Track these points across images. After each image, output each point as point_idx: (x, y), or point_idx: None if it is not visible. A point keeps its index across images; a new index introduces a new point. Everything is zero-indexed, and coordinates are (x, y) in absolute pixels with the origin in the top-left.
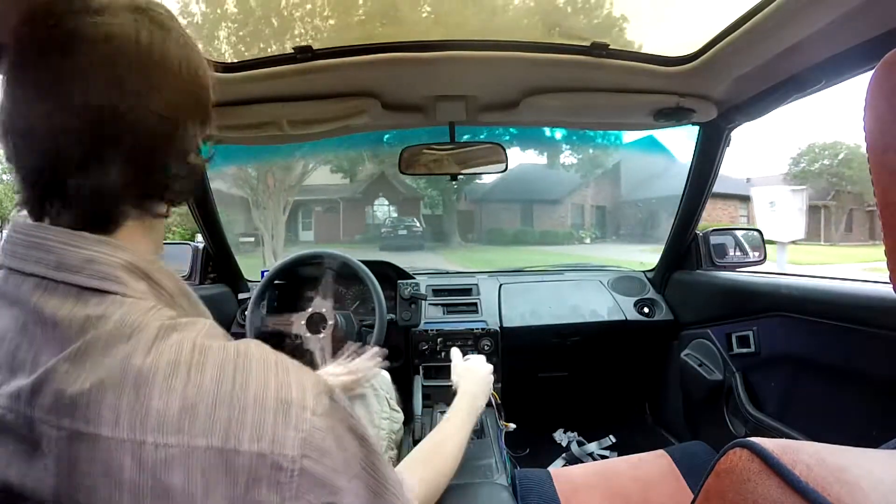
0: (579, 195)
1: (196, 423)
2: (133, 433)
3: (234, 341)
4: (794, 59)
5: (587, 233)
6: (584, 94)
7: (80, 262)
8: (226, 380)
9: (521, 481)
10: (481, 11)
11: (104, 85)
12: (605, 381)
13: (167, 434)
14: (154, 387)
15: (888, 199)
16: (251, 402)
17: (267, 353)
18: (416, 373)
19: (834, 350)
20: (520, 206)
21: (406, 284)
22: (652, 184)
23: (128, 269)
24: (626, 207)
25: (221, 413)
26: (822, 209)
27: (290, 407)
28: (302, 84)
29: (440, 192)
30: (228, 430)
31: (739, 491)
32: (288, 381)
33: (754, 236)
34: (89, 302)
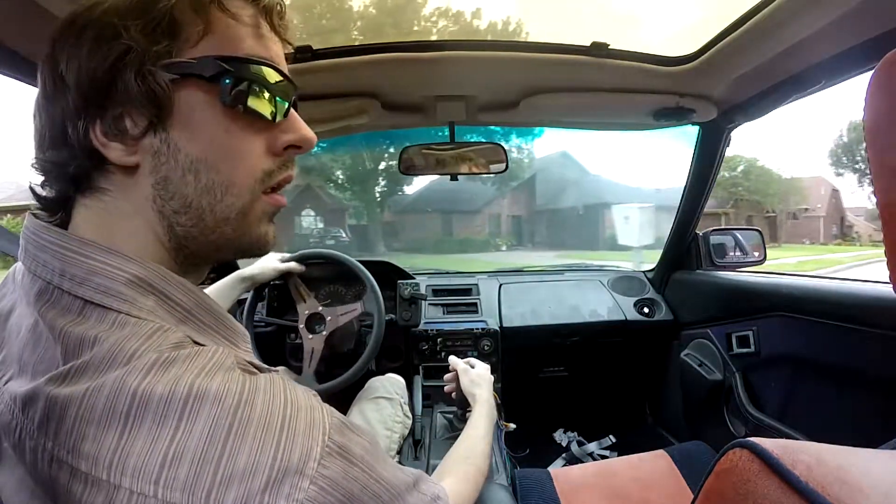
0: (496, 205)
1: (177, 477)
2: (109, 475)
3: (247, 379)
4: (794, 59)
5: (503, 240)
6: (584, 94)
7: (83, 274)
8: (217, 439)
9: (521, 481)
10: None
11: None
12: (605, 382)
13: (144, 482)
14: (140, 430)
15: (888, 199)
16: (240, 471)
17: (274, 403)
18: (415, 373)
19: (834, 350)
20: (440, 216)
21: (406, 284)
22: (564, 194)
23: (134, 285)
24: (540, 217)
25: (206, 474)
26: (721, 216)
27: (285, 476)
28: (302, 84)
29: (365, 204)
30: (209, 493)
31: (739, 491)
32: (291, 446)
33: (754, 236)
34: (90, 318)
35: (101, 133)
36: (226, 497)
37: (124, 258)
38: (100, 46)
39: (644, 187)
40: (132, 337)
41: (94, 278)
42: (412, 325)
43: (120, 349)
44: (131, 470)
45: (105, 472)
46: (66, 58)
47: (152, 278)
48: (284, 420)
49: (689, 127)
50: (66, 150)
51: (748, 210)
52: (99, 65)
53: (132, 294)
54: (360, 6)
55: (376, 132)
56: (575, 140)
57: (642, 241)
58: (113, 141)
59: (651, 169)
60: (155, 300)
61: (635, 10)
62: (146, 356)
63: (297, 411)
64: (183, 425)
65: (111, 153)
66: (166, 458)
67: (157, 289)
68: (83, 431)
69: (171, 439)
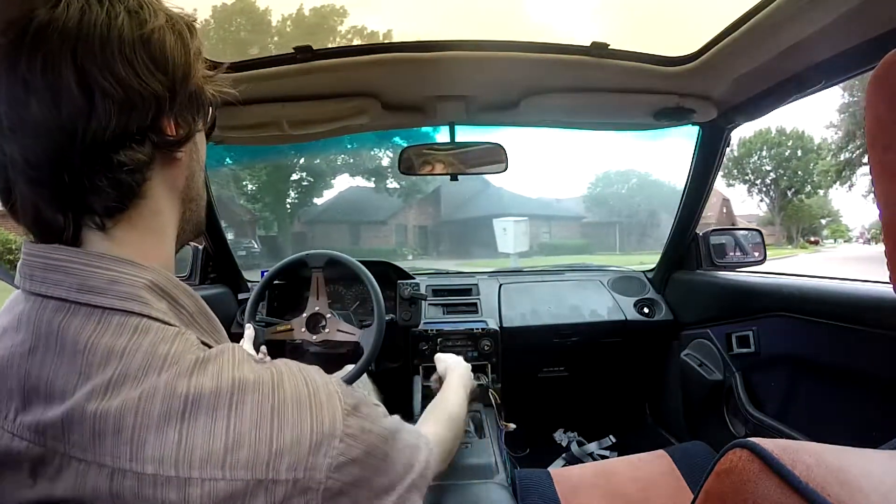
0: (403, 216)
1: (239, 460)
2: (177, 470)
3: (266, 367)
4: (794, 59)
5: (409, 250)
6: (584, 94)
7: (104, 284)
8: (264, 421)
9: (521, 481)
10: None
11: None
12: (605, 382)
13: (213, 469)
14: (197, 424)
15: (888, 200)
16: (289, 443)
17: (298, 383)
18: (415, 373)
19: (834, 350)
20: (348, 226)
21: (406, 285)
22: (466, 206)
23: (150, 289)
24: (444, 227)
25: (262, 451)
26: (616, 225)
27: (322, 440)
28: (302, 84)
29: (275, 215)
30: (269, 464)
31: (739, 491)
32: (321, 415)
33: (754, 236)
34: (112, 324)
35: (174, 127)
36: (281, 466)
37: (139, 266)
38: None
39: (546, 197)
40: (160, 342)
41: (116, 287)
42: (412, 325)
43: (154, 354)
44: (199, 462)
45: (173, 468)
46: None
47: (164, 283)
48: (310, 395)
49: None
50: (150, 146)
51: (640, 218)
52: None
53: (150, 297)
54: (278, 21)
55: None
56: None
57: (517, 248)
58: (179, 137)
59: (556, 181)
60: (167, 304)
61: (635, 10)
62: (185, 357)
63: (317, 386)
64: (234, 413)
65: (179, 151)
66: (227, 444)
67: (168, 293)
68: (143, 437)
69: (226, 427)
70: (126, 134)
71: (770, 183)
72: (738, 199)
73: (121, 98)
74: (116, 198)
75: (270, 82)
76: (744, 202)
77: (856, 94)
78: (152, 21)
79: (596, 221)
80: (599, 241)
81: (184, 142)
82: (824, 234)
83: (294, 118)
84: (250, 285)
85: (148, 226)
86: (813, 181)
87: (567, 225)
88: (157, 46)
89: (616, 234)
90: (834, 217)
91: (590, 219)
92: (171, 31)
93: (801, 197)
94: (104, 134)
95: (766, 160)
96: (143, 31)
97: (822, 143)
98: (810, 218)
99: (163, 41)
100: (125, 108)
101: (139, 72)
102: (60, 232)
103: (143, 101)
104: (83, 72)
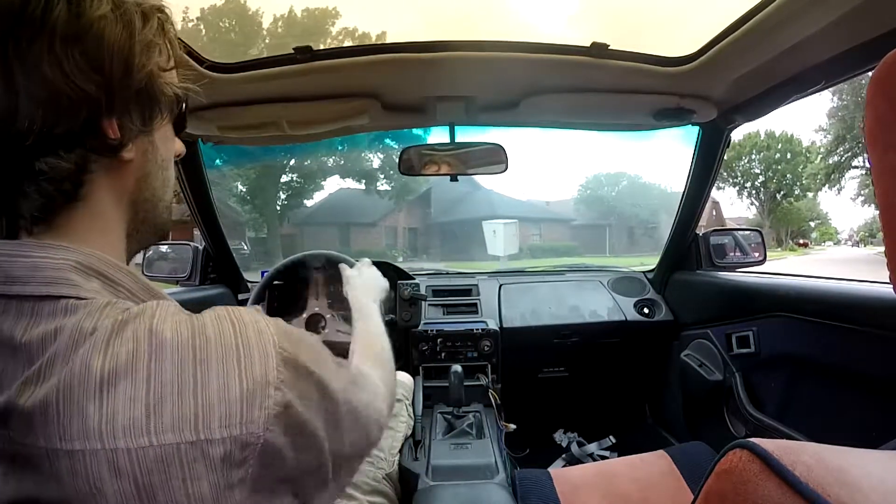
0: (393, 218)
1: (164, 422)
2: (103, 442)
3: (189, 318)
4: (794, 59)
5: (399, 252)
6: (585, 95)
7: (27, 272)
8: (186, 373)
9: (521, 482)
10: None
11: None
12: (606, 382)
13: (137, 436)
14: (117, 390)
15: (889, 200)
16: (215, 396)
17: (224, 329)
18: (416, 373)
19: (834, 350)
20: (338, 228)
21: (406, 285)
22: (456, 208)
23: (78, 270)
24: (434, 229)
25: (187, 408)
26: (606, 227)
27: (254, 390)
28: (302, 84)
29: (265, 217)
30: (197, 423)
31: (739, 492)
32: (251, 361)
33: (754, 236)
34: (43, 312)
35: (117, 129)
36: (212, 423)
37: (63, 248)
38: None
39: (535, 199)
40: (87, 316)
41: (39, 273)
42: (412, 325)
43: (80, 331)
44: (122, 430)
45: (99, 441)
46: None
47: (93, 263)
48: (237, 339)
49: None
50: (81, 151)
51: (631, 221)
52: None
53: (78, 279)
54: (269, 23)
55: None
56: None
57: (507, 250)
58: (124, 139)
59: (546, 183)
60: (99, 283)
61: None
62: (104, 324)
63: (245, 328)
64: (153, 374)
65: (125, 152)
66: (149, 406)
67: (99, 271)
68: (69, 414)
69: (146, 390)
70: (51, 139)
71: (759, 186)
72: (728, 201)
73: (45, 100)
74: (42, 205)
75: (270, 82)
76: (733, 205)
77: (845, 98)
78: (92, 11)
79: (586, 224)
80: (589, 243)
81: (127, 143)
82: (813, 237)
83: (294, 118)
84: (250, 286)
85: (88, 228)
86: (802, 184)
87: (557, 227)
88: (92, 41)
89: (606, 236)
90: (822, 219)
91: (580, 221)
92: (116, 22)
93: (790, 200)
94: (25, 139)
95: (756, 163)
96: (80, 23)
97: (811, 147)
98: (799, 221)
99: (100, 34)
100: (50, 111)
101: (68, 71)
102: None
103: (71, 104)
104: (9, 70)
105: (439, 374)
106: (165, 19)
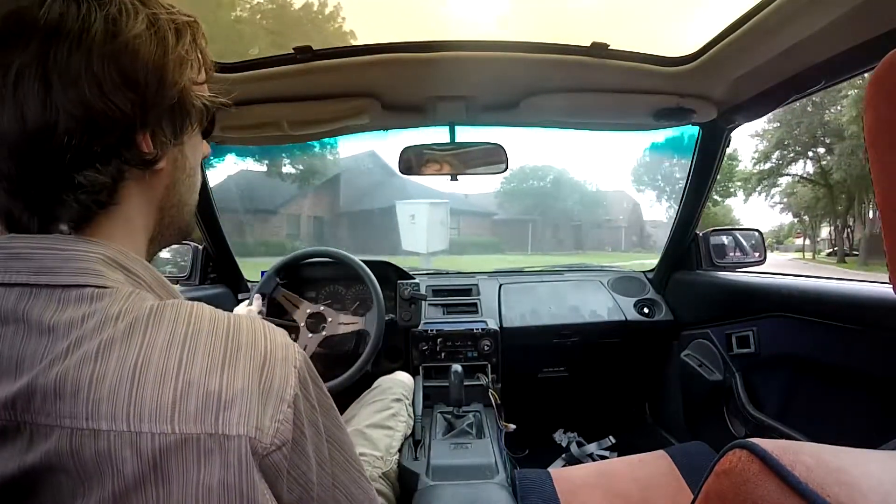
0: (296, 205)
1: (188, 411)
2: (129, 425)
3: (225, 314)
4: (794, 60)
5: (302, 244)
6: (585, 95)
7: (59, 263)
8: (215, 366)
9: (521, 481)
10: None
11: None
12: (605, 382)
13: (161, 422)
14: (148, 377)
15: (888, 200)
16: (238, 393)
17: (257, 335)
18: (415, 373)
19: (834, 350)
20: (231, 215)
21: (406, 285)
22: (368, 196)
23: (105, 262)
24: (342, 218)
25: (212, 399)
26: (529, 223)
27: (269, 396)
28: (302, 84)
29: None
30: (219, 416)
31: (739, 492)
32: (273, 368)
33: (754, 236)
34: (71, 299)
35: (150, 143)
36: (231, 418)
37: (93, 242)
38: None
39: (455, 192)
40: (113, 303)
41: (71, 264)
42: (412, 325)
43: (106, 315)
44: (147, 415)
45: (125, 423)
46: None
47: (117, 256)
48: (266, 348)
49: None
50: (117, 164)
51: (555, 218)
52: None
53: (105, 270)
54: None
55: None
56: (385, 143)
57: (432, 245)
58: (158, 152)
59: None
60: (122, 274)
61: (635, 11)
62: (140, 307)
63: (275, 343)
64: (185, 360)
65: (158, 163)
66: (175, 396)
67: (122, 265)
68: (98, 394)
69: (175, 376)
70: (89, 154)
71: (680, 190)
72: (647, 204)
73: (84, 118)
74: (79, 213)
75: (270, 82)
76: (652, 207)
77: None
78: (128, 30)
79: (508, 219)
80: (511, 239)
81: (161, 157)
82: None
83: (294, 118)
84: (250, 285)
85: (115, 230)
86: (727, 189)
87: (477, 222)
88: (128, 60)
89: (529, 232)
90: (734, 225)
91: (502, 216)
92: (151, 39)
93: (709, 205)
94: (65, 154)
95: (677, 168)
96: (117, 42)
97: (734, 154)
98: (714, 225)
99: (135, 52)
100: (88, 128)
101: (105, 90)
102: (29, 230)
103: (108, 121)
104: (49, 87)
105: (439, 373)
106: (197, 31)
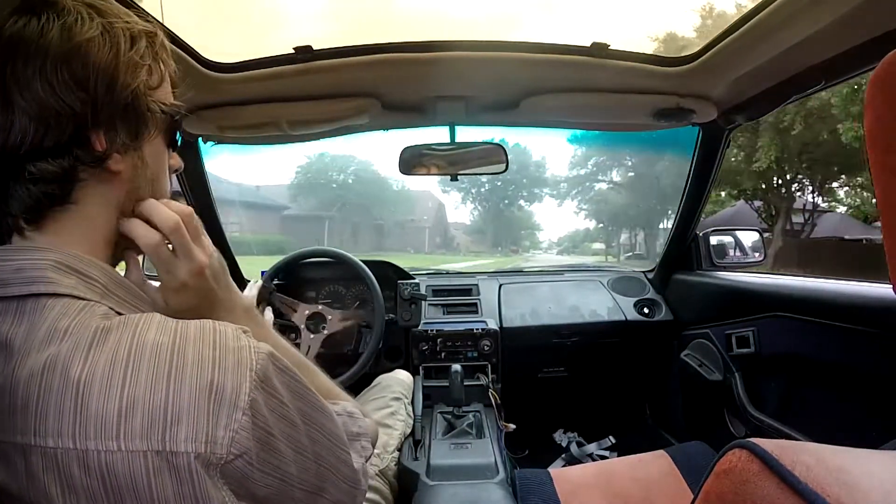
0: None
1: (133, 428)
2: (75, 442)
3: (173, 329)
4: (794, 60)
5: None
6: (584, 95)
7: (10, 274)
8: (159, 384)
9: (521, 481)
10: None
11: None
12: (605, 382)
13: (107, 439)
14: (92, 393)
15: (889, 200)
16: (185, 407)
17: (205, 343)
18: (416, 373)
19: (834, 350)
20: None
21: (406, 285)
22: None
23: (55, 268)
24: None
25: (157, 416)
26: (326, 219)
27: (221, 406)
28: (302, 84)
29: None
30: (165, 433)
31: (739, 492)
32: (223, 378)
33: (754, 236)
34: (25, 310)
35: (104, 141)
36: (178, 435)
37: (43, 249)
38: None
39: (245, 183)
40: (63, 316)
41: (21, 274)
42: (412, 325)
43: (55, 329)
44: (94, 432)
45: (71, 440)
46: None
47: (69, 261)
48: (215, 357)
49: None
50: (69, 159)
51: (354, 215)
52: (129, 82)
53: (56, 276)
54: None
55: None
56: (384, 143)
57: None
58: (110, 150)
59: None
60: (76, 279)
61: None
62: (86, 328)
63: (226, 348)
64: (128, 379)
65: (112, 163)
66: (120, 412)
67: (75, 269)
68: (45, 410)
69: (119, 395)
70: (41, 148)
71: (486, 193)
72: (452, 205)
73: (36, 115)
74: (30, 206)
75: (270, 82)
76: (457, 209)
77: None
78: (81, 35)
79: (300, 214)
80: (302, 237)
81: (112, 154)
82: (525, 244)
83: (294, 118)
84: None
85: (74, 230)
86: (534, 194)
87: (265, 217)
88: (79, 62)
89: (324, 230)
90: (533, 229)
91: (294, 211)
92: (103, 44)
93: (513, 210)
94: (19, 148)
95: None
96: (69, 45)
97: (541, 161)
98: (517, 230)
99: (87, 55)
100: (41, 124)
101: (57, 89)
102: None
103: (59, 117)
104: (6, 89)
105: (439, 373)
106: (155, 41)
